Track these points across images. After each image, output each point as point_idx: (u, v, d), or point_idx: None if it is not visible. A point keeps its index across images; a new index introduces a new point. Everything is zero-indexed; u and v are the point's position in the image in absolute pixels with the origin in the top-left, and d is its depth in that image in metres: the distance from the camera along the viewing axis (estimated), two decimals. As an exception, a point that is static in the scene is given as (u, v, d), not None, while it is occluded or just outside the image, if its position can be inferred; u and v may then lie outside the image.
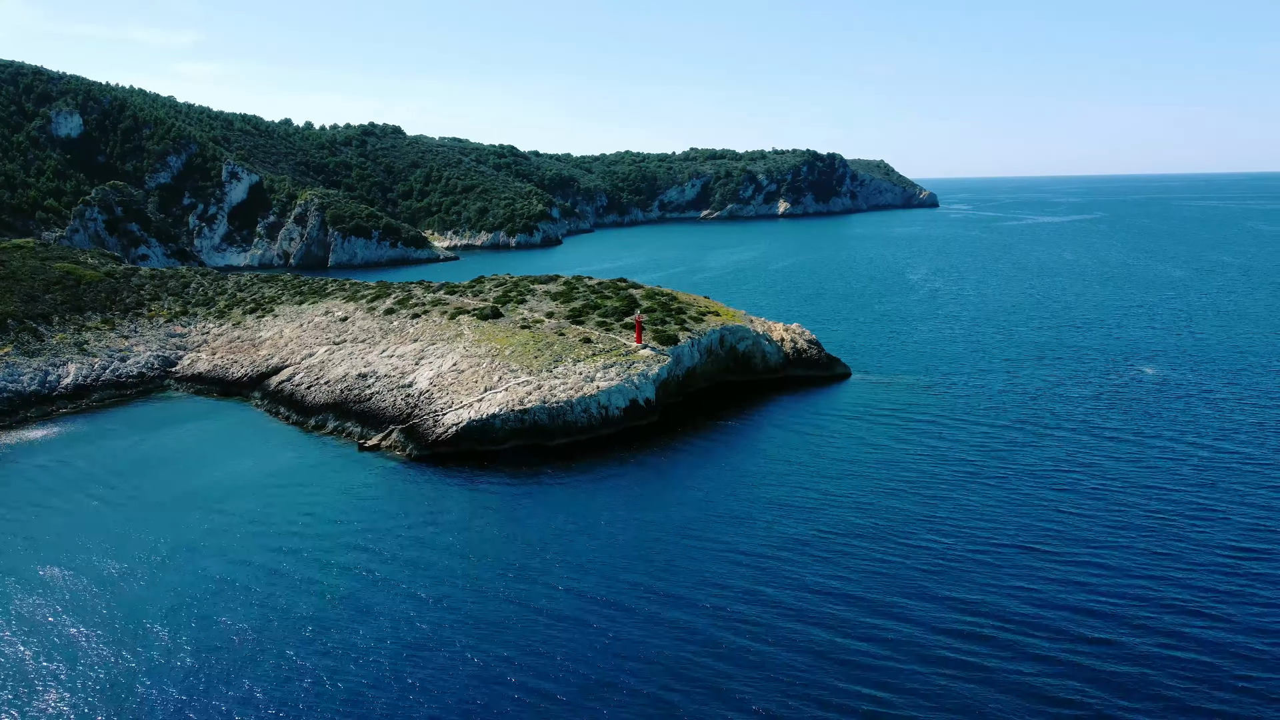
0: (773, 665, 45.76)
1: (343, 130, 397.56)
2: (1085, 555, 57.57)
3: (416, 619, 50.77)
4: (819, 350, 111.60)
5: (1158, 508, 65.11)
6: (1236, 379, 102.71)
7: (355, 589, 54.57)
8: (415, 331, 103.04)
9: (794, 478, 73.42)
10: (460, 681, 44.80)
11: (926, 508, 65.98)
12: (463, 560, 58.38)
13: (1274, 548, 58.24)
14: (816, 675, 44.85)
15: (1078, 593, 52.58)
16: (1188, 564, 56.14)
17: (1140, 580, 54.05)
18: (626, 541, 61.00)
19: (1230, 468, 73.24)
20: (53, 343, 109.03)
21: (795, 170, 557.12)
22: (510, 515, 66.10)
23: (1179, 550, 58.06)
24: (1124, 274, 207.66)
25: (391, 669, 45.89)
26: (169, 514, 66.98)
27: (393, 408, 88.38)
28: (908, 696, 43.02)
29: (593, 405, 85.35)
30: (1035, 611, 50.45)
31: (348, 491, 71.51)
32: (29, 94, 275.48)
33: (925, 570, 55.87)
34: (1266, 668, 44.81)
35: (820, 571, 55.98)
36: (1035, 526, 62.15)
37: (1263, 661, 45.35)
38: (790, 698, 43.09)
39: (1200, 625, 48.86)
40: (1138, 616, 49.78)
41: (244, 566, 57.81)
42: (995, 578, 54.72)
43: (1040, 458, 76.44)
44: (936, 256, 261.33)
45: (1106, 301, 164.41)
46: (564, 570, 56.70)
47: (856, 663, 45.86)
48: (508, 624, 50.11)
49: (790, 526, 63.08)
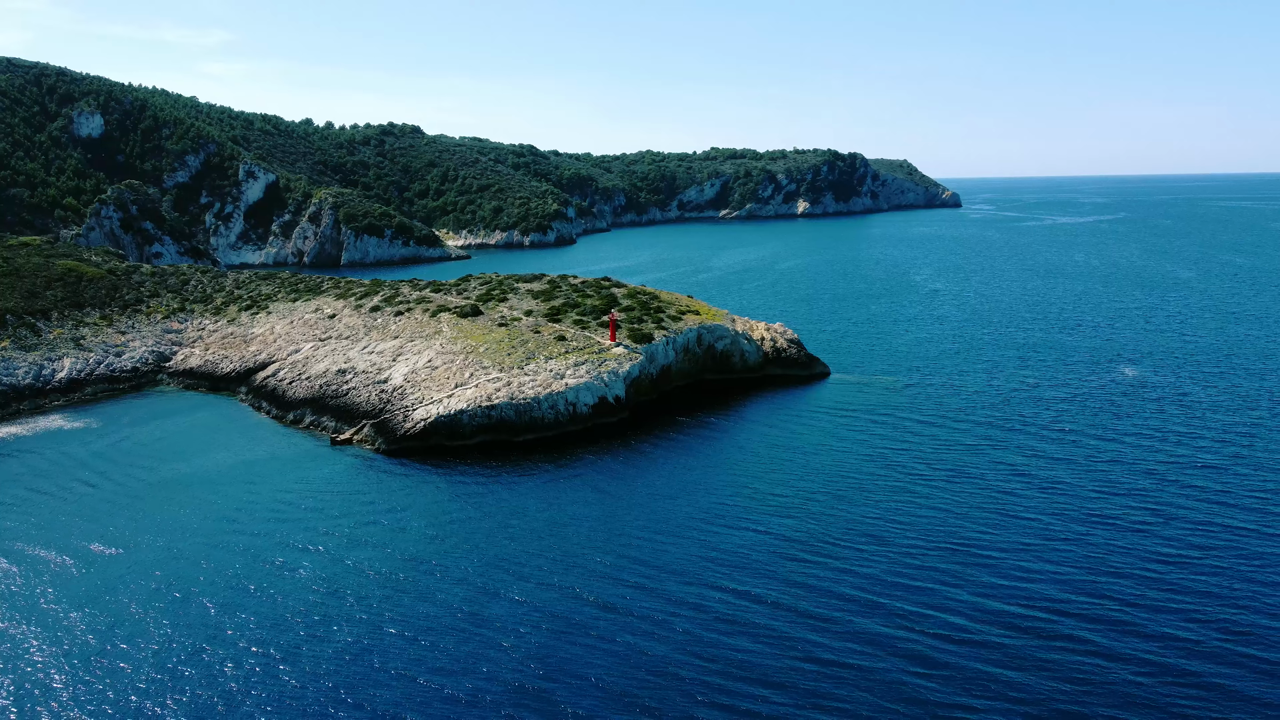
0: (732, 654, 46.96)
1: (361, 130, 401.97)
2: (1004, 558, 58.24)
3: (337, 602, 52.47)
4: (799, 349, 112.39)
5: (1095, 510, 65.55)
6: (1215, 382, 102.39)
7: (302, 572, 56.35)
8: (397, 329, 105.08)
9: (747, 474, 74.45)
10: (364, 666, 46.40)
11: (867, 508, 66.79)
12: (396, 549, 59.99)
13: (1199, 555, 58.61)
14: (772, 661, 46.00)
15: (991, 592, 53.36)
16: (1107, 569, 56.66)
17: (1043, 583, 54.69)
18: (572, 535, 62.36)
19: (1183, 471, 73.38)
20: (50, 337, 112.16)
21: (815, 170, 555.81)
22: (463, 506, 67.67)
23: (1096, 558, 58.58)
24: (1130, 275, 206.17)
25: (329, 644, 47.60)
26: (136, 504, 69.17)
27: (367, 403, 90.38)
28: (845, 674, 44.09)
29: (560, 402, 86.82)
30: (932, 614, 51.31)
31: (306, 482, 73.42)
32: (52, 95, 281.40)
33: (847, 567, 56.82)
34: (1206, 659, 45.46)
35: (769, 564, 57.10)
36: (966, 528, 62.82)
37: (1202, 654, 46.02)
38: (756, 684, 44.27)
39: (1090, 630, 49.51)
40: (1042, 616, 50.50)
41: (202, 550, 59.76)
42: (907, 576, 55.55)
43: (994, 459, 76.91)
44: (945, 257, 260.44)
45: (1105, 303, 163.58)
46: (493, 560, 58.16)
47: (812, 654, 46.97)
48: (437, 611, 51.65)
49: (730, 522, 64.17)
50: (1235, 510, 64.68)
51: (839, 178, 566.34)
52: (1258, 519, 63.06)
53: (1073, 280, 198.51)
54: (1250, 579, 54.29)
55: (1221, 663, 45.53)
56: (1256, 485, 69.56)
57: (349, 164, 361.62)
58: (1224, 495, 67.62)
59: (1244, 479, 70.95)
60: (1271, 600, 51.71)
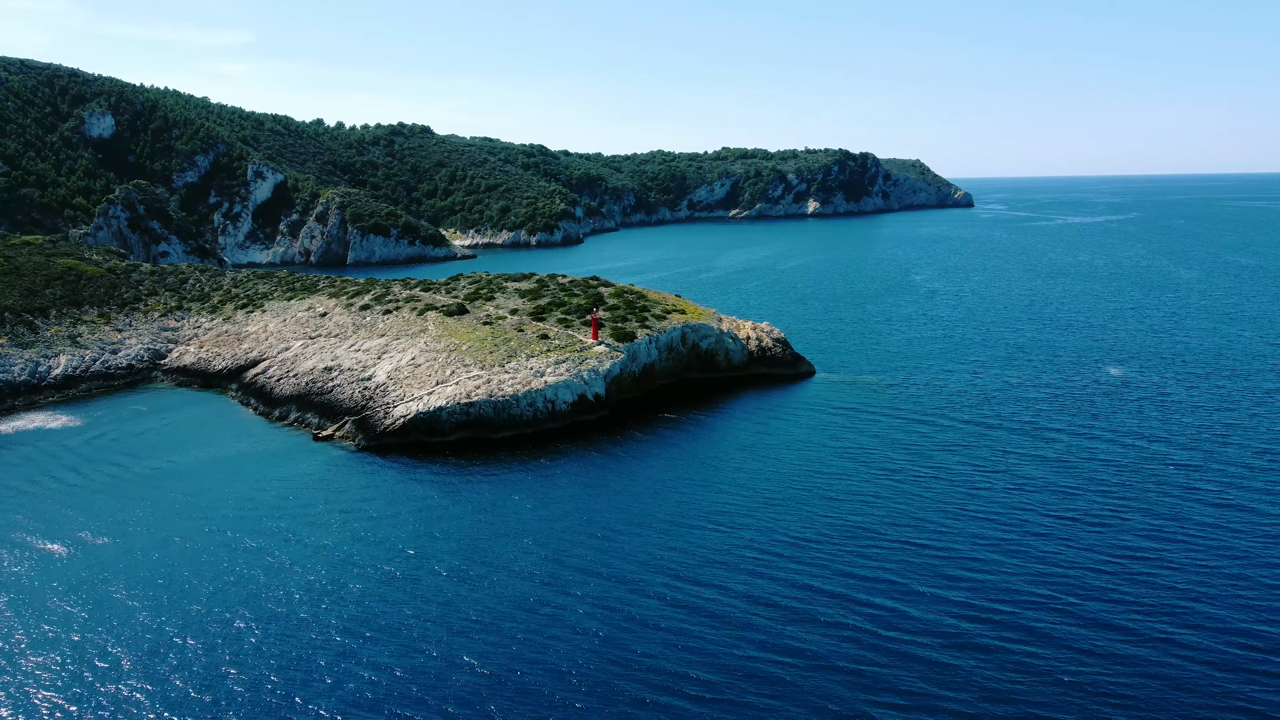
0: (704, 645, 47.89)
1: (371, 130, 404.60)
2: (967, 556, 58.86)
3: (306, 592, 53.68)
4: (784, 349, 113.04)
5: (1056, 508, 66.04)
6: (1200, 382, 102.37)
7: (268, 561, 57.61)
8: (384, 327, 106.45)
9: (716, 471, 75.28)
10: (329, 651, 47.55)
11: (828, 505, 67.50)
12: (360, 541, 61.14)
13: (1161, 549, 59.07)
14: (723, 649, 46.91)
15: (952, 587, 54.03)
16: (1058, 566, 57.19)
17: (997, 579, 55.31)
18: (539, 529, 63.38)
19: (1151, 471, 73.70)
20: (47, 335, 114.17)
21: (826, 170, 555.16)
22: (429, 500, 68.78)
23: (1048, 555, 59.13)
24: (1132, 275, 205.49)
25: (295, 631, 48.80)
26: (113, 497, 70.66)
27: (350, 400, 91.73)
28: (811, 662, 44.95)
29: (539, 399, 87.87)
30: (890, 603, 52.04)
31: (281, 478, 74.71)
32: (64, 95, 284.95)
33: (811, 561, 57.58)
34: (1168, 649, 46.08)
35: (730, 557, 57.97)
36: (924, 526, 63.44)
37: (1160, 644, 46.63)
38: (727, 674, 45.19)
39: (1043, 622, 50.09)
40: (974, 619, 51.15)
41: (171, 540, 61.11)
42: (859, 570, 56.26)
43: (966, 458, 77.40)
44: (949, 257, 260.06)
45: (1102, 303, 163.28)
46: (447, 551, 59.24)
47: (776, 645, 47.85)
48: (388, 599, 52.79)
49: (691, 520, 65.03)
50: (1195, 509, 64.99)
51: (850, 178, 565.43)
52: (1215, 518, 63.36)
53: (1073, 280, 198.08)
54: (1197, 578, 54.70)
55: (1168, 653, 46.06)
56: (1221, 485, 69.81)
57: (358, 164, 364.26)
58: (1187, 494, 67.93)
59: (1210, 479, 71.20)
60: (1213, 594, 52.15)
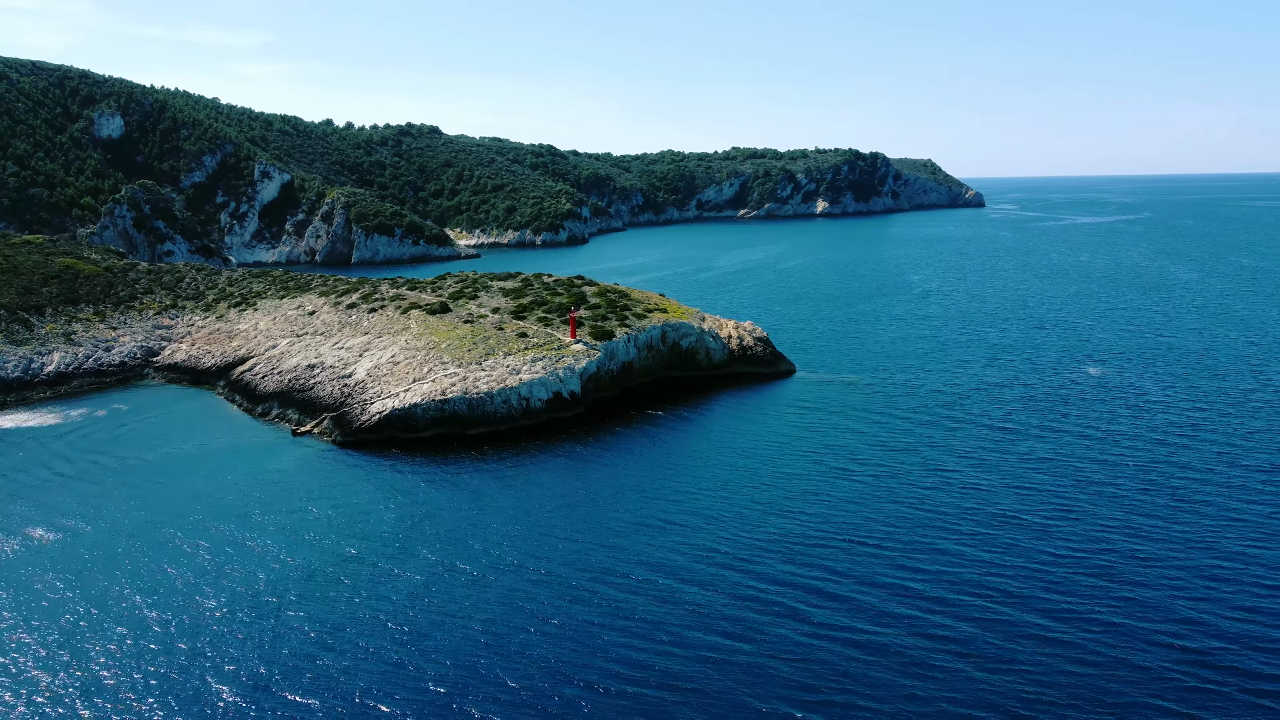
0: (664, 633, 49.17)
1: (380, 130, 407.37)
2: (913, 553, 59.83)
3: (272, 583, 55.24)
4: (765, 347, 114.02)
5: (1006, 508, 66.89)
6: (1176, 382, 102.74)
7: (231, 553, 59.21)
8: (368, 325, 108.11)
9: (678, 467, 76.47)
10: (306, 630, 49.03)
11: (784, 501, 68.56)
12: (327, 532, 62.67)
13: (1088, 554, 59.86)
14: (650, 647, 48.17)
15: (898, 581, 55.05)
16: (1008, 564, 58.08)
17: (951, 574, 56.27)
18: (486, 527, 64.76)
19: (1109, 471, 74.38)
20: (42, 332, 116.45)
21: (835, 169, 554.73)
22: (393, 495, 70.27)
23: (986, 554, 60.02)
24: (1130, 276, 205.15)
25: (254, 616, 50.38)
26: (88, 489, 72.50)
27: (329, 396, 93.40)
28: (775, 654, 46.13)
29: (513, 397, 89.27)
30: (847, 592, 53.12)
31: (254, 473, 76.38)
32: (74, 96, 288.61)
33: (774, 554, 58.71)
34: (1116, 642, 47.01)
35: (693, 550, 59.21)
36: (874, 523, 64.42)
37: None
38: (694, 661, 46.47)
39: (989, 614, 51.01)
40: (941, 611, 52.14)
41: (141, 530, 62.83)
42: (801, 565, 57.35)
43: (926, 457, 78.22)
44: (949, 257, 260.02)
45: (1094, 304, 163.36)
46: (407, 542, 60.69)
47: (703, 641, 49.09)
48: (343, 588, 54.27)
49: (655, 510, 66.25)
50: (1147, 510, 65.69)
51: (859, 177, 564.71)
52: (1165, 519, 64.04)
53: (1069, 281, 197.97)
54: (1131, 579, 55.52)
55: (1097, 664, 46.98)
56: (1177, 485, 70.47)
57: (365, 164, 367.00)
58: (1141, 493, 68.62)
59: (1168, 479, 71.86)
60: (1139, 600, 52.97)
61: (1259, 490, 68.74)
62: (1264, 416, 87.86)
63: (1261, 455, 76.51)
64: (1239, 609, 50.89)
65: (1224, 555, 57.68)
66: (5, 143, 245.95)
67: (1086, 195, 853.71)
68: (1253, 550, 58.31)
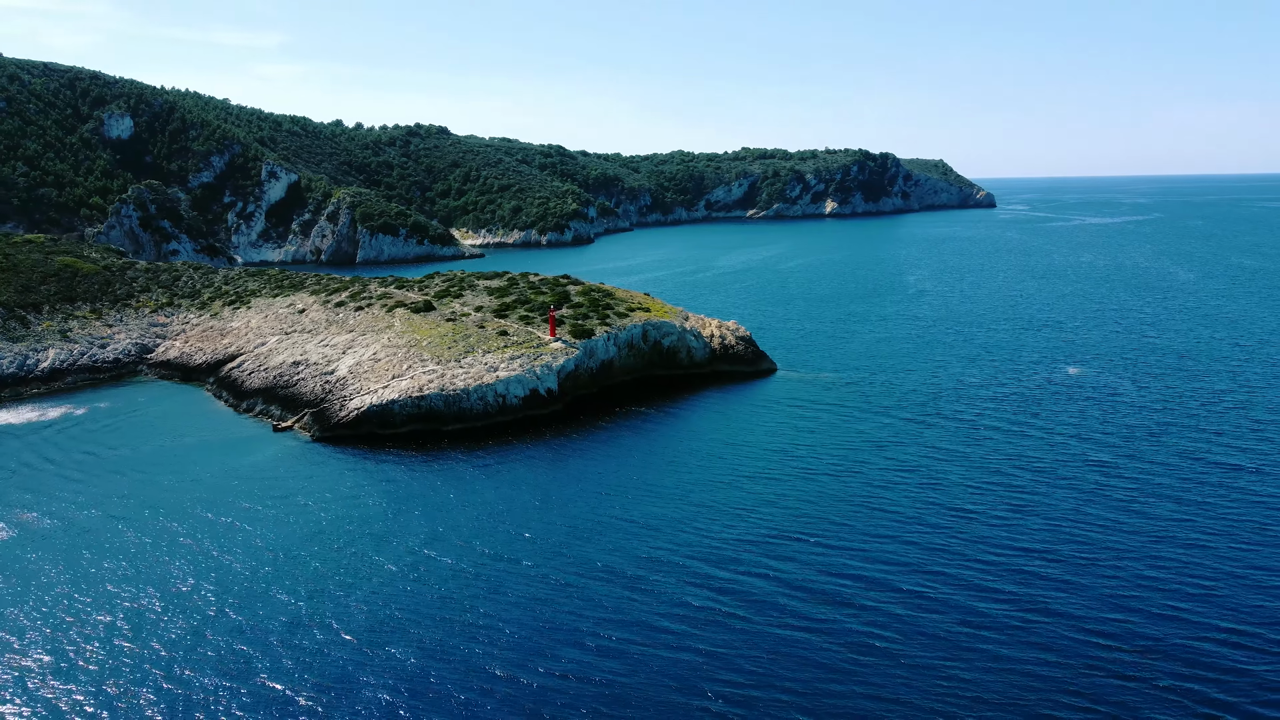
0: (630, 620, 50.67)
1: (389, 131, 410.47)
2: (863, 550, 61.02)
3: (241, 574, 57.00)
4: (748, 346, 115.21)
5: (963, 502, 67.94)
6: (1153, 382, 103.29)
7: (201, 539, 61.02)
8: (354, 323, 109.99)
9: (643, 462, 77.85)
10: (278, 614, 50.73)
11: (746, 496, 69.84)
12: (283, 526, 64.40)
13: (1053, 547, 60.87)
14: (675, 626, 49.62)
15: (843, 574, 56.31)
16: (942, 558, 59.20)
17: (897, 568, 57.45)
18: (444, 519, 66.35)
19: (1070, 469, 75.26)
20: (38, 329, 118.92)
21: (845, 170, 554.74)
22: (365, 486, 71.97)
23: (935, 549, 61.12)
24: (1127, 277, 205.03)
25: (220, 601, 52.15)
26: (63, 480, 74.56)
27: (311, 393, 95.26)
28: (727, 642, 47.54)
29: (489, 394, 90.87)
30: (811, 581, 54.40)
31: (230, 466, 78.21)
32: (85, 98, 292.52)
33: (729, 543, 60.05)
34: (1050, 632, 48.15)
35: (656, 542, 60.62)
36: (828, 518, 65.62)
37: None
38: (661, 646, 47.97)
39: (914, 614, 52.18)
40: (889, 604, 53.36)
41: (106, 521, 64.77)
42: (759, 562, 58.65)
43: (891, 455, 79.27)
44: (949, 258, 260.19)
45: (1085, 304, 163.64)
46: (359, 535, 62.32)
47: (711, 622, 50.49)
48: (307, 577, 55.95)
49: (615, 506, 67.68)
50: (1096, 509, 66.59)
51: (869, 178, 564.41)
52: (1112, 519, 64.92)
53: (1064, 282, 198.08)
54: (1073, 574, 56.54)
55: (1040, 647, 48.11)
56: (1130, 484, 71.29)
57: (373, 164, 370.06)
58: (1095, 491, 69.52)
59: (1123, 477, 72.70)
60: (1075, 596, 54.00)
61: (1214, 487, 69.51)
62: (1233, 418, 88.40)
63: (1222, 455, 77.20)
64: (1163, 605, 51.89)
65: (1154, 555, 58.59)
66: (16, 143, 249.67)
67: (1101, 196, 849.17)
68: (1197, 547, 59.19)
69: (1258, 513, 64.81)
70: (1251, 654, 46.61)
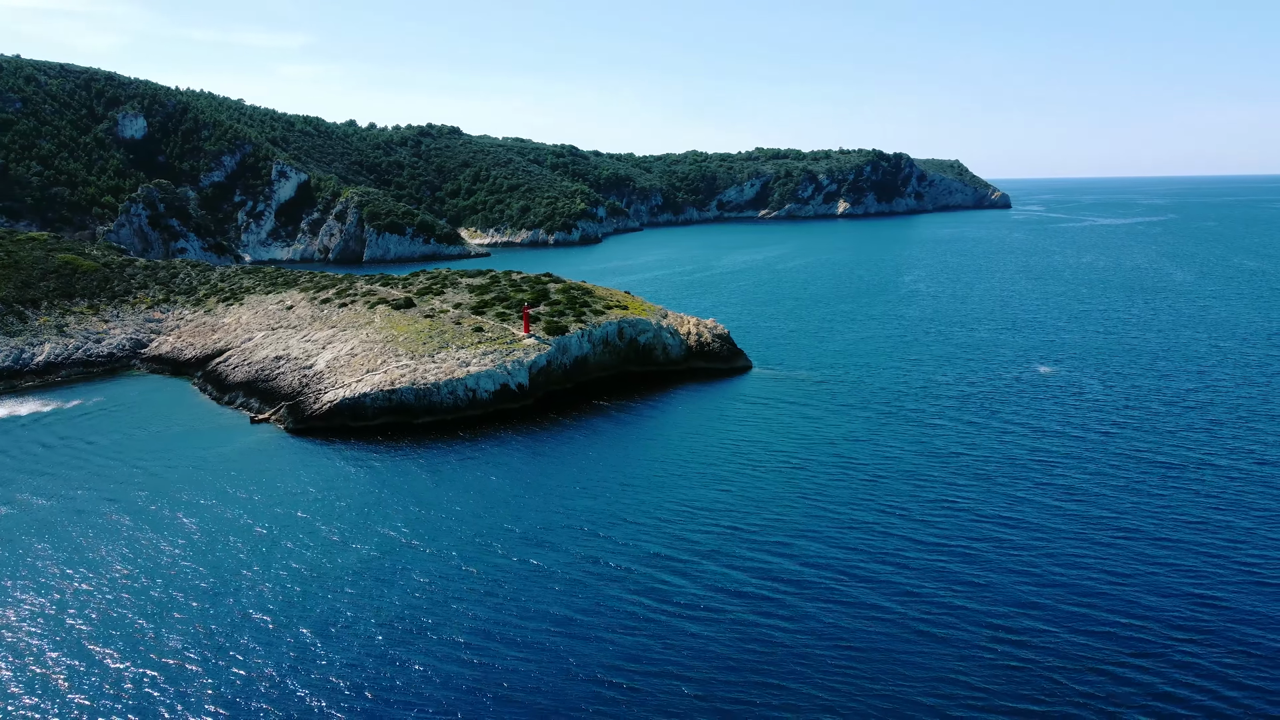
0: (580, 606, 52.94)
1: (401, 131, 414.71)
2: (787, 545, 62.90)
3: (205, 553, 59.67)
4: (723, 344, 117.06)
5: (896, 497, 69.62)
6: (1119, 381, 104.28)
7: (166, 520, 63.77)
8: (337, 319, 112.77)
9: (598, 455, 80.00)
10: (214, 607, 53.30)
11: (680, 492, 71.84)
12: (245, 510, 67.01)
13: (962, 544, 62.51)
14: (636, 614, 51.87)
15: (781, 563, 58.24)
16: (865, 553, 60.94)
17: (838, 560, 59.30)
18: (382, 506, 68.78)
19: (1014, 465, 76.72)
20: (35, 324, 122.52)
21: (858, 170, 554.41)
22: (327, 476, 74.50)
23: (860, 543, 62.87)
24: (1123, 278, 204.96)
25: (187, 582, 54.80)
26: (36, 466, 77.64)
27: (289, 386, 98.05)
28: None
29: (459, 388, 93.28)
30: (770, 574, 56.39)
31: (202, 456, 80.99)
32: (100, 98, 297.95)
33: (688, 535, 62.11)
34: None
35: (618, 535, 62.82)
36: (764, 511, 67.50)
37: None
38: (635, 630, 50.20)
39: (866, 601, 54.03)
40: (826, 589, 55.26)
41: (69, 506, 67.68)
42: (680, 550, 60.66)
43: (843, 450, 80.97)
44: (949, 259, 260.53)
45: (1072, 305, 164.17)
46: (326, 516, 64.82)
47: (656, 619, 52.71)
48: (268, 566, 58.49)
49: (573, 498, 69.89)
50: (1034, 503, 68.10)
51: (882, 178, 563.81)
52: (1040, 517, 66.40)
53: (1059, 283, 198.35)
54: (996, 569, 58.19)
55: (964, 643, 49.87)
56: (1073, 481, 72.70)
57: (384, 164, 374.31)
58: (1033, 489, 70.98)
59: (1067, 472, 74.11)
60: (993, 589, 55.64)
61: (1158, 481, 70.83)
62: (1190, 417, 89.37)
63: (1176, 452, 78.30)
64: (1073, 602, 53.49)
65: (1073, 555, 60.14)
66: (31, 143, 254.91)
67: (1119, 197, 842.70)
68: (1121, 541, 60.68)
69: (1193, 509, 66.08)
70: (1157, 640, 48.19)
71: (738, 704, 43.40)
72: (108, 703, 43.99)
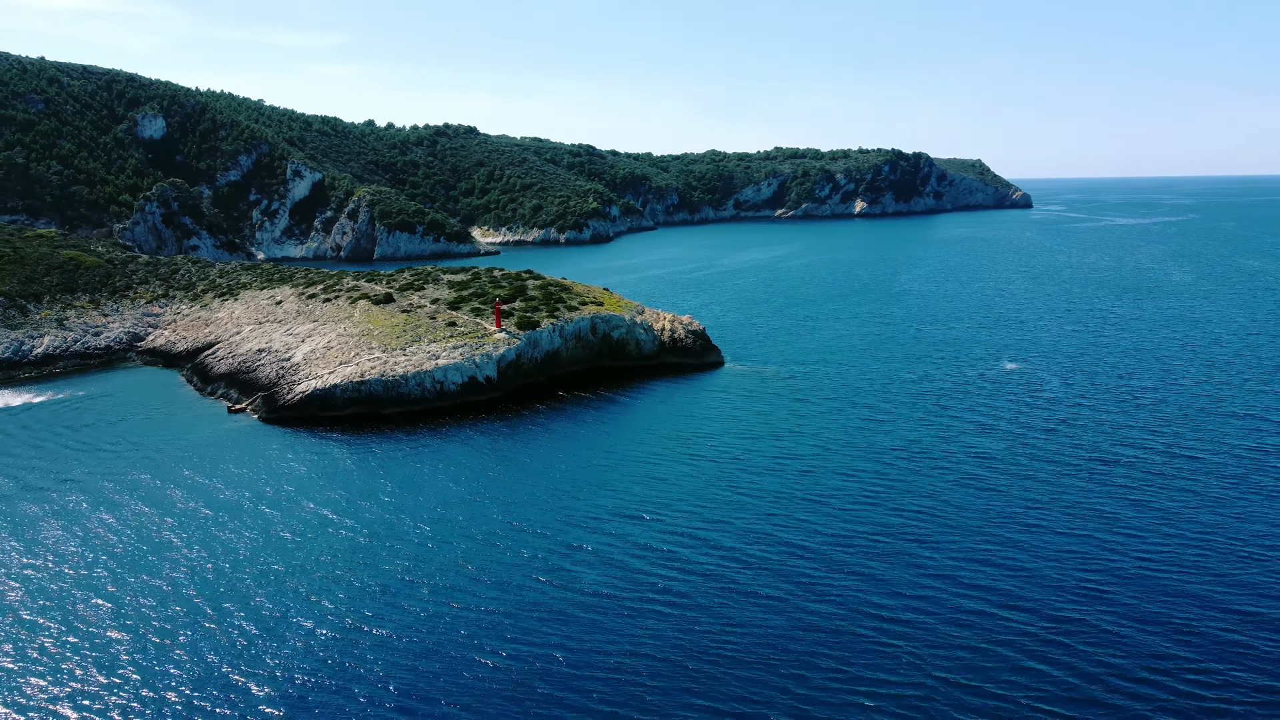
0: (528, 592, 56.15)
1: (418, 130, 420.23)
2: (706, 538, 65.53)
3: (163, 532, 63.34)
4: (696, 340, 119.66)
5: (826, 489, 71.99)
6: (1079, 379, 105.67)
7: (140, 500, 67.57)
8: (320, 313, 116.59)
9: (552, 448, 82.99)
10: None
11: (625, 480, 74.64)
12: (206, 494, 70.66)
13: (916, 529, 64.82)
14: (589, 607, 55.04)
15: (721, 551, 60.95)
16: (796, 545, 63.43)
17: (783, 551, 61.89)
18: (371, 488, 72.14)
19: (955, 458, 78.77)
20: (36, 318, 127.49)
21: (876, 170, 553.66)
22: (295, 463, 78.07)
23: (795, 534, 65.33)
24: (1121, 277, 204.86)
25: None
26: (30, 453, 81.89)
27: (266, 378, 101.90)
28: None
29: (427, 380, 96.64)
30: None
31: (173, 442, 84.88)
32: (120, 99, 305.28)
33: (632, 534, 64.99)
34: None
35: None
36: (697, 501, 70.16)
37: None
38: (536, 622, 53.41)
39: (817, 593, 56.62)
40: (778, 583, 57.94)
41: (35, 487, 71.69)
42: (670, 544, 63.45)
43: (784, 443, 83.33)
44: (954, 258, 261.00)
45: (1059, 304, 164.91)
46: (281, 504, 68.29)
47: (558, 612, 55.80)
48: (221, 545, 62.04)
49: (530, 488, 72.97)
50: (967, 496, 70.22)
51: (900, 178, 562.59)
52: (982, 513, 68.54)
53: (1054, 282, 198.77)
54: (910, 563, 60.51)
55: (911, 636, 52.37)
56: (1006, 475, 74.69)
57: (400, 164, 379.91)
58: (959, 482, 73.05)
59: (1004, 466, 76.09)
60: (930, 581, 57.97)
61: (1095, 475, 72.69)
62: (1141, 415, 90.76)
63: (1119, 449, 79.90)
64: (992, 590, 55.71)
65: (997, 548, 62.28)
66: (52, 143, 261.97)
67: (1144, 197, 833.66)
68: (1056, 537, 62.75)
69: (1114, 504, 67.87)
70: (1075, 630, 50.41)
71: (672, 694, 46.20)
72: (35, 678, 47.58)
